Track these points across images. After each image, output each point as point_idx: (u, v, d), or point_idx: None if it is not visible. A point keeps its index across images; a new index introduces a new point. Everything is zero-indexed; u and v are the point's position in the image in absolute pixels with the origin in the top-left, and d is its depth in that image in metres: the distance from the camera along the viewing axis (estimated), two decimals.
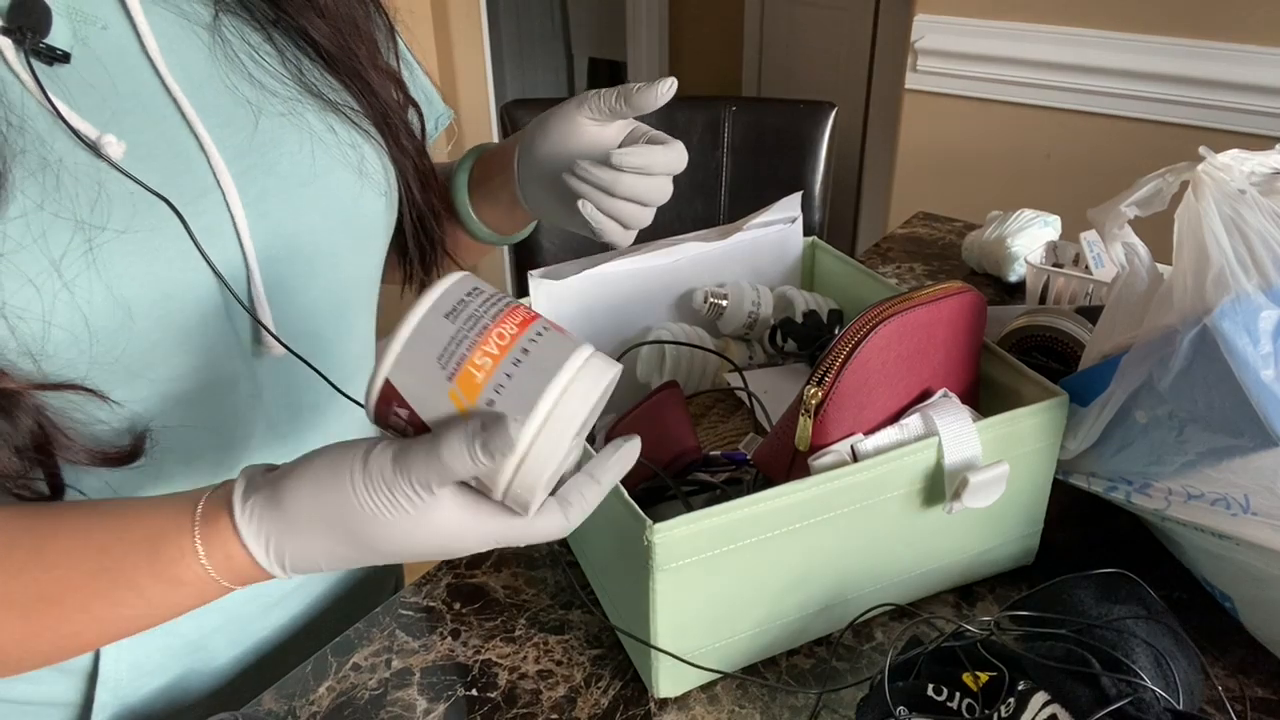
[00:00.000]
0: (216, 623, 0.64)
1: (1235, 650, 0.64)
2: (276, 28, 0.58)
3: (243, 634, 0.67)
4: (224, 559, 0.43)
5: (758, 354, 0.85)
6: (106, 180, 0.48)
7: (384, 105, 0.63)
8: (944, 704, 0.52)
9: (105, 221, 0.48)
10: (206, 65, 0.55)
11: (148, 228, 0.49)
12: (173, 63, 0.53)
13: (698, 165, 1.60)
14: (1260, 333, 0.55)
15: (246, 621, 0.66)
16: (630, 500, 0.55)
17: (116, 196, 0.48)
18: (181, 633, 0.62)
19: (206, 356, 0.54)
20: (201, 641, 0.64)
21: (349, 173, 0.60)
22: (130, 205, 0.49)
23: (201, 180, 0.52)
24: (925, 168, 2.11)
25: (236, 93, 0.55)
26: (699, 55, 3.58)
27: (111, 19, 0.51)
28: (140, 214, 0.49)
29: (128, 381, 0.51)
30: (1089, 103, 1.87)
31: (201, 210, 0.52)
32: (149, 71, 0.52)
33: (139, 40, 0.51)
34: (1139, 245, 0.65)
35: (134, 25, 0.51)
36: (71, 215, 0.47)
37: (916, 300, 0.62)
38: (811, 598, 0.62)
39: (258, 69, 0.57)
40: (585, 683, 0.63)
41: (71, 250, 0.46)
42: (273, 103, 0.57)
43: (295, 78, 0.58)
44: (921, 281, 1.21)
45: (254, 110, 0.56)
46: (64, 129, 0.47)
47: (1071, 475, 0.67)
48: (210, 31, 0.55)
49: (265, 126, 0.56)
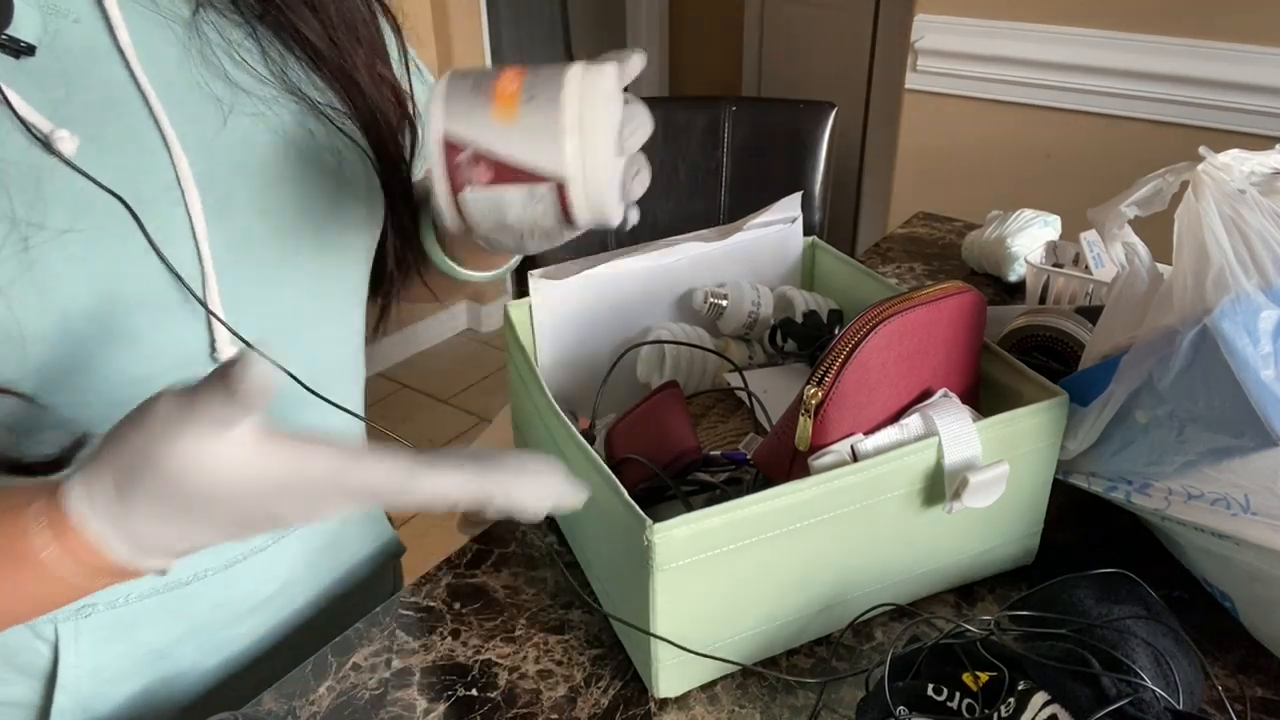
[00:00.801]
0: (182, 632, 0.63)
1: (1235, 650, 0.64)
2: (262, 22, 0.57)
3: (210, 644, 0.65)
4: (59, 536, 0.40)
5: (758, 354, 0.85)
6: (52, 178, 0.47)
7: (372, 110, 0.61)
8: (944, 704, 0.52)
9: (45, 221, 0.47)
10: (179, 61, 0.54)
11: (94, 226, 0.48)
12: (144, 57, 0.52)
13: (698, 165, 1.60)
14: (1260, 333, 0.55)
15: (214, 631, 0.65)
16: (630, 500, 0.55)
17: (61, 194, 0.47)
18: (143, 640, 0.61)
19: (157, 362, 0.53)
20: (166, 650, 0.63)
21: (323, 177, 0.58)
22: (75, 204, 0.48)
23: (162, 177, 0.51)
24: (925, 168, 2.11)
25: (207, 89, 0.54)
26: (699, 55, 3.58)
27: (84, 12, 0.50)
28: (85, 212, 0.48)
29: (66, 386, 0.49)
30: (1089, 103, 1.87)
31: (158, 210, 0.51)
32: (119, 66, 0.51)
33: (111, 34, 0.51)
34: (1139, 245, 0.65)
35: (107, 19, 0.51)
36: (9, 213, 0.46)
37: (916, 300, 0.62)
38: (811, 597, 0.62)
39: (234, 66, 0.56)
40: (585, 682, 0.63)
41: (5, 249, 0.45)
42: (246, 101, 0.56)
43: (277, 76, 0.57)
44: (921, 281, 1.21)
45: (224, 108, 0.55)
46: (15, 122, 0.46)
47: (1071, 475, 0.67)
48: (187, 27, 0.54)
49: (235, 125, 0.55)
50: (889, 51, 2.81)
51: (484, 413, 2.71)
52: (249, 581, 0.65)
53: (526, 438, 0.78)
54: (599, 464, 0.59)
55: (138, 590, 0.60)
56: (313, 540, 0.69)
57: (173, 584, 0.61)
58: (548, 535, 0.76)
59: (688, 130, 1.59)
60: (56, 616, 0.58)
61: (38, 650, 0.59)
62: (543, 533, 0.76)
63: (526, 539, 0.75)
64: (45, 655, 0.59)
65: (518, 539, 0.75)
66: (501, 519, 0.77)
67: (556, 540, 0.75)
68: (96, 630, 0.59)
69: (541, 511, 0.43)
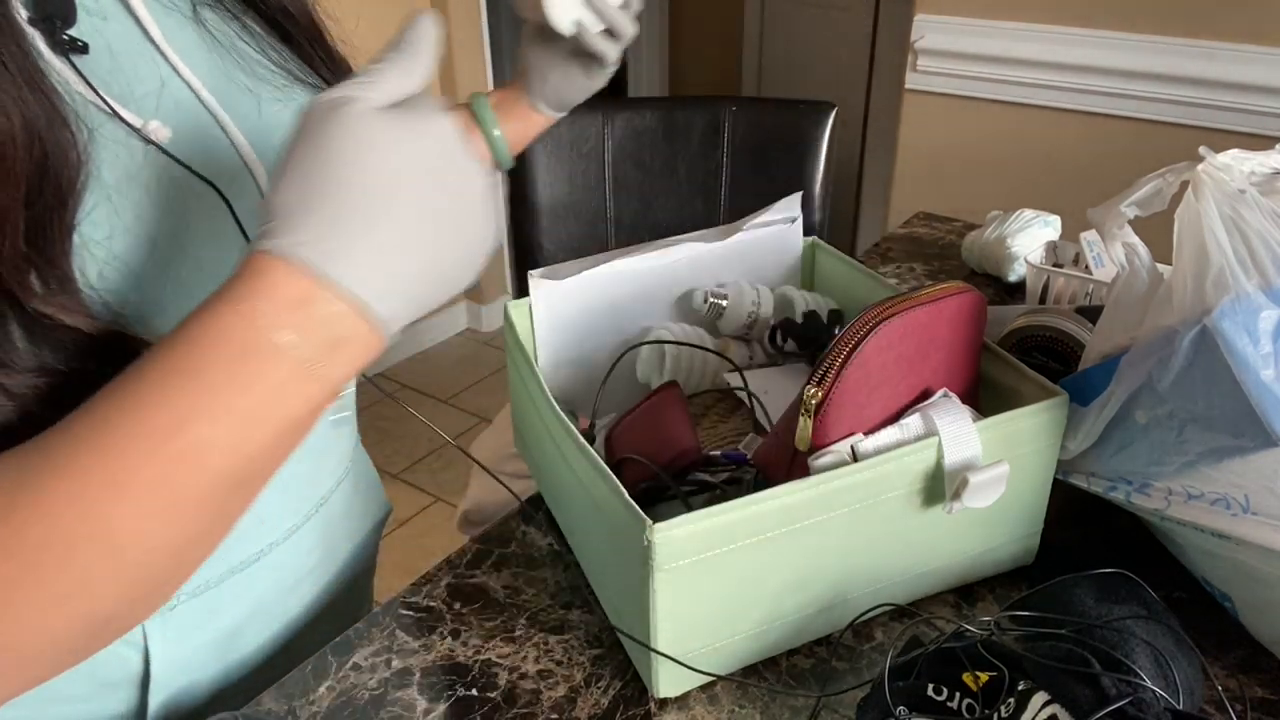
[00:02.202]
0: (249, 611, 0.65)
1: (1235, 650, 0.64)
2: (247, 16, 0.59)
3: (270, 617, 0.67)
4: (295, 301, 0.38)
5: (758, 354, 0.85)
6: (149, 166, 0.48)
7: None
8: (944, 704, 0.52)
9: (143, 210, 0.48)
10: (206, 54, 0.55)
11: (191, 211, 0.50)
12: (178, 51, 0.53)
13: (698, 165, 1.60)
14: (1260, 333, 0.55)
15: (272, 604, 0.67)
16: (630, 500, 0.55)
17: (160, 181, 0.49)
18: (221, 625, 0.63)
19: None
20: (238, 630, 0.64)
21: None
22: (171, 191, 0.49)
23: (232, 164, 0.53)
24: (925, 168, 2.11)
25: (239, 81, 0.56)
26: (699, 55, 3.58)
27: (110, 10, 0.51)
28: (183, 199, 0.49)
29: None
30: (1089, 103, 1.87)
31: (238, 193, 0.52)
32: (160, 60, 0.52)
33: (143, 31, 0.51)
34: (1139, 245, 0.65)
35: (135, 16, 0.51)
36: (108, 199, 0.47)
37: (916, 300, 0.62)
38: (811, 598, 0.62)
39: (245, 59, 0.57)
40: (585, 683, 0.63)
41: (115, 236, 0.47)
42: (267, 89, 0.57)
43: (278, 64, 0.59)
44: (921, 281, 1.21)
45: (255, 96, 0.56)
46: (107, 114, 0.47)
47: (1071, 475, 0.67)
48: (194, 24, 0.56)
49: (268, 111, 0.57)
50: (889, 51, 2.81)
51: (484, 413, 2.71)
52: (296, 554, 0.67)
53: (526, 438, 0.78)
54: (599, 464, 0.59)
55: (216, 573, 0.61)
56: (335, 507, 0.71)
57: (247, 560, 0.62)
58: (548, 535, 0.76)
59: (688, 130, 1.59)
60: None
61: (127, 658, 0.59)
62: (543, 533, 0.76)
63: (526, 539, 0.75)
64: (135, 660, 0.59)
65: (518, 539, 0.75)
66: (501, 519, 0.77)
67: (556, 540, 0.75)
68: (182, 621, 0.60)
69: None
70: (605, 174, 1.58)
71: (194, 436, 0.38)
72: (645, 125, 1.58)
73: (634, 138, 1.58)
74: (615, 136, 1.57)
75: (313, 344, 0.39)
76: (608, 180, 1.58)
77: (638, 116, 1.58)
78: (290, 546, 0.66)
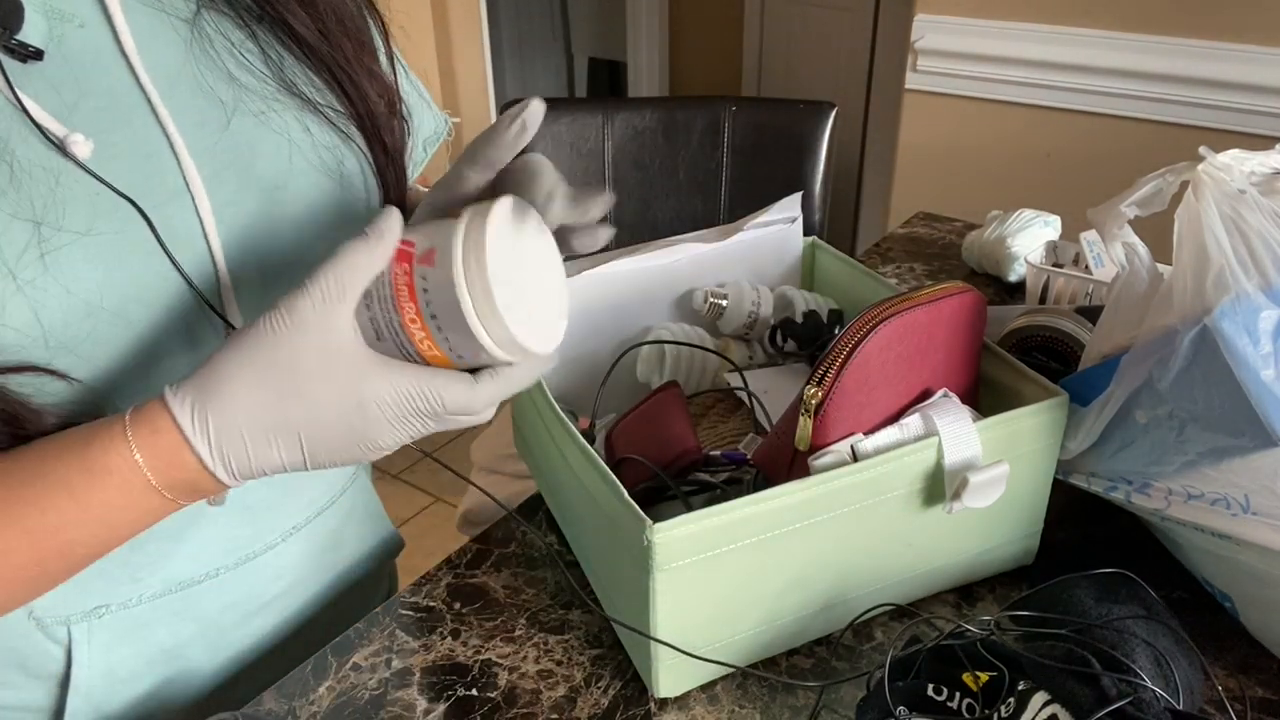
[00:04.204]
0: (192, 631, 0.64)
1: (1235, 650, 0.64)
2: (260, 23, 0.57)
3: (221, 642, 0.66)
4: (150, 434, 0.44)
5: (758, 354, 0.85)
6: (69, 181, 0.47)
7: (368, 107, 0.61)
8: (944, 704, 0.52)
9: (63, 223, 0.47)
10: (183, 63, 0.54)
11: (111, 230, 0.48)
12: (149, 61, 0.52)
13: (698, 165, 1.60)
14: (1260, 333, 0.55)
15: (225, 630, 0.66)
16: (630, 500, 0.55)
17: (79, 198, 0.48)
18: (155, 641, 0.62)
19: (172, 359, 0.53)
20: (178, 650, 0.64)
21: (326, 177, 0.59)
22: (92, 207, 0.48)
23: (171, 182, 0.52)
24: (925, 168, 2.11)
25: (211, 93, 0.54)
26: (699, 55, 3.58)
27: (89, 17, 0.50)
28: (103, 216, 0.48)
29: (89, 369, 0.50)
30: (1089, 103, 1.87)
31: (169, 213, 0.51)
32: (124, 70, 0.51)
33: (115, 38, 0.51)
34: (1139, 245, 0.65)
35: (111, 23, 0.51)
36: (30, 215, 0.46)
37: (916, 300, 0.62)
38: (811, 598, 0.62)
39: (237, 66, 0.56)
40: (585, 682, 0.63)
41: (29, 251, 0.46)
42: (249, 101, 0.56)
43: (276, 75, 0.58)
44: (921, 281, 1.21)
45: (227, 110, 0.55)
46: (30, 127, 0.46)
47: (1071, 475, 0.67)
48: (190, 26, 0.55)
49: (238, 126, 0.55)
50: (889, 51, 2.81)
51: None
52: (257, 581, 0.66)
53: (526, 437, 0.78)
54: (599, 464, 0.59)
55: (150, 590, 0.60)
56: (316, 538, 0.70)
57: (185, 582, 0.61)
58: (548, 535, 0.76)
59: (688, 130, 1.59)
60: (69, 618, 0.58)
61: (50, 653, 0.59)
62: (543, 533, 0.76)
63: (526, 539, 0.75)
64: (58, 658, 0.59)
65: (518, 539, 0.75)
66: (501, 519, 0.77)
67: (556, 540, 0.75)
68: (109, 631, 0.59)
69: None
70: (605, 174, 1.58)
71: (68, 538, 0.46)
72: (645, 125, 1.58)
73: (634, 137, 1.59)
74: (615, 136, 1.58)
75: (167, 480, 0.46)
76: (607, 180, 1.58)
77: (638, 116, 1.58)
78: (242, 575, 0.64)
